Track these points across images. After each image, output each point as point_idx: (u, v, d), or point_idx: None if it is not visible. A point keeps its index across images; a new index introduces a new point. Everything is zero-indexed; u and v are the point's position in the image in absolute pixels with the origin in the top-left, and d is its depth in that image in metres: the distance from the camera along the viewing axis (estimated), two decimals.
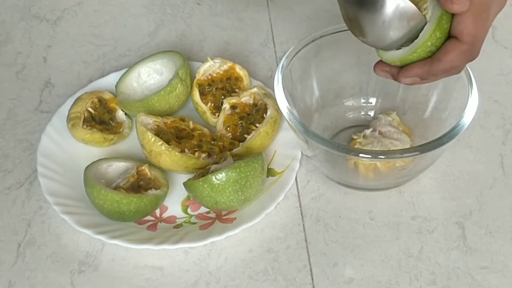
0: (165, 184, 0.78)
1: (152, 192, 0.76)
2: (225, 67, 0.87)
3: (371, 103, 0.84)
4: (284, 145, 0.82)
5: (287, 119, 0.72)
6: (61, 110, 0.85)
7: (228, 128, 0.83)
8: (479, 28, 0.62)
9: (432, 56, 0.64)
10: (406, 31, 0.63)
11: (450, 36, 0.63)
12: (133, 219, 0.75)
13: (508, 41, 0.95)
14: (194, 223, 0.76)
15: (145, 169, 0.78)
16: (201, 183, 0.73)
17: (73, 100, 0.85)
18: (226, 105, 0.83)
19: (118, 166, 0.78)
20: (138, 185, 0.77)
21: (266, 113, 0.81)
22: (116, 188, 0.75)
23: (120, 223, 0.75)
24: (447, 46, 0.63)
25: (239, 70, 0.87)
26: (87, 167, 0.77)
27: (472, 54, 0.63)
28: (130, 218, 0.75)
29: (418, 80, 0.66)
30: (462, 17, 0.61)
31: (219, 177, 0.72)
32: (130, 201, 0.73)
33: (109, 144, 0.83)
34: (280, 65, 0.76)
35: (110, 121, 0.84)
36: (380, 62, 0.68)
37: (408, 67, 0.65)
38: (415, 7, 0.62)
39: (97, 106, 0.84)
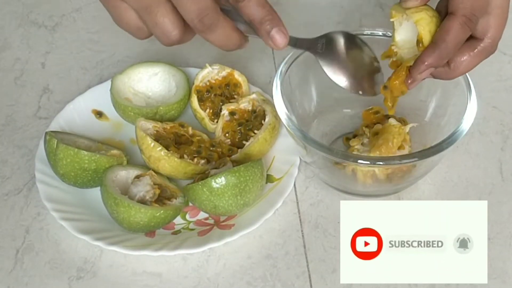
0: (179, 190, 0.78)
1: (178, 200, 0.76)
2: (223, 73, 0.87)
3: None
4: (283, 151, 0.82)
5: (286, 126, 0.72)
6: (59, 116, 0.85)
7: (227, 135, 0.83)
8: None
9: (433, 41, 0.65)
10: None
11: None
12: (157, 228, 0.76)
13: (507, 47, 0.95)
14: (192, 229, 0.76)
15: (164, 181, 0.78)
16: (200, 186, 0.73)
17: (72, 106, 0.86)
18: (224, 112, 0.83)
19: (121, 174, 0.78)
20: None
21: (264, 120, 0.81)
22: (143, 201, 0.75)
23: (120, 229, 0.74)
24: (445, 25, 0.64)
25: (238, 76, 0.87)
26: (104, 187, 0.74)
27: (472, 23, 0.64)
28: (154, 228, 0.75)
29: (433, 71, 0.67)
30: None
31: (219, 181, 0.72)
32: (167, 214, 0.74)
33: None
34: (279, 71, 0.76)
35: None
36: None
37: (418, 62, 0.66)
38: None
39: None
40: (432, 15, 0.66)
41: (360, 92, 0.72)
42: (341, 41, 0.71)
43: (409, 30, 0.69)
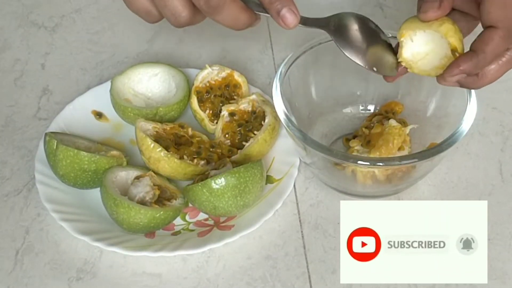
0: (179, 191, 0.78)
1: (177, 201, 0.76)
2: (223, 74, 0.87)
3: (369, 110, 0.84)
4: (283, 152, 0.82)
5: (286, 126, 0.72)
6: (59, 117, 0.85)
7: (227, 136, 0.83)
8: (509, 10, 0.63)
9: (472, 49, 0.64)
10: None
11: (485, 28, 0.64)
12: (157, 229, 0.76)
13: None
14: (192, 230, 0.76)
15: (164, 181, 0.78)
16: (200, 187, 0.73)
17: (71, 106, 0.86)
18: (224, 112, 0.83)
19: (121, 175, 0.78)
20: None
21: (264, 120, 0.81)
22: (143, 202, 0.75)
23: (120, 230, 0.74)
24: (485, 36, 0.64)
25: (238, 77, 0.87)
26: (104, 188, 0.74)
27: (510, 36, 0.64)
28: (154, 229, 0.75)
29: (462, 79, 0.66)
30: (491, 6, 0.63)
31: (218, 182, 0.72)
32: (167, 215, 0.74)
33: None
34: (279, 72, 0.76)
35: None
36: None
37: (452, 65, 0.65)
38: None
39: None
40: (453, 23, 0.66)
41: (375, 69, 0.70)
42: (353, 21, 0.71)
43: (419, 44, 0.68)
